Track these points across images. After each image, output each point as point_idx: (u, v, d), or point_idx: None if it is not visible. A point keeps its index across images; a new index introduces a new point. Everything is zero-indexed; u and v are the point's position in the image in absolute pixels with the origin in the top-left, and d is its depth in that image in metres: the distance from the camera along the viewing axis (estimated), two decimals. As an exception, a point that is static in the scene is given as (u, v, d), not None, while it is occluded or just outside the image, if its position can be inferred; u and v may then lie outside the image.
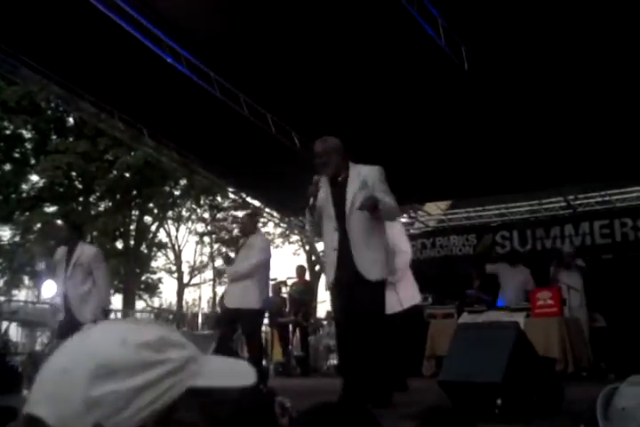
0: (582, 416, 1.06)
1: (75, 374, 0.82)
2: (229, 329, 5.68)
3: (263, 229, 21.82)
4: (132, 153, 15.54)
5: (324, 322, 11.27)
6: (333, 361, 9.79)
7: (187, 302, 25.24)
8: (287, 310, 9.61)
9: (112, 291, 18.92)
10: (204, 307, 22.96)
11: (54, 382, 0.82)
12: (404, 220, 11.61)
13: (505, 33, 5.79)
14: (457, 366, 3.25)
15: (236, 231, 18.97)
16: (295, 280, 9.78)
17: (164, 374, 0.85)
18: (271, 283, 9.78)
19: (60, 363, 0.84)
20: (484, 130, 7.32)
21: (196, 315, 12.81)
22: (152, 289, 22.84)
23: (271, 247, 6.46)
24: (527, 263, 9.03)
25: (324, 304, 15.36)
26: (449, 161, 8.09)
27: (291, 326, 9.55)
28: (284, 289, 9.90)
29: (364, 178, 4.16)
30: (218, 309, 6.68)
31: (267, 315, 10.08)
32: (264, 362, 10.03)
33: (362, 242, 4.08)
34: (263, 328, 10.64)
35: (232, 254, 6.36)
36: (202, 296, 25.15)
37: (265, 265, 5.87)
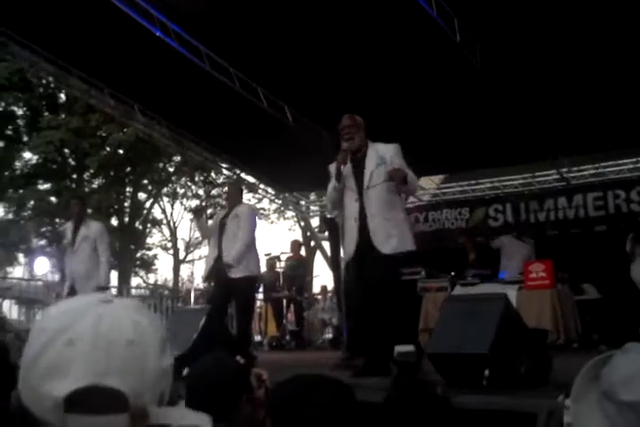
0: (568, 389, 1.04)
1: (145, 347, 0.85)
2: (224, 302, 5.72)
3: (258, 206, 21.89)
4: (125, 130, 15.42)
5: (319, 297, 11.35)
6: (328, 335, 9.88)
7: (182, 279, 25.35)
8: (281, 284, 9.66)
9: (112, 267, 19.07)
10: (199, 283, 23.05)
11: (124, 354, 0.83)
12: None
13: (499, 4, 5.73)
14: (445, 339, 3.27)
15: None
16: (289, 255, 9.81)
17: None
18: (265, 258, 9.85)
19: (118, 334, 0.84)
20: (478, 103, 7.28)
21: (189, 290, 12.87)
22: (148, 266, 22.90)
23: (258, 219, 6.49)
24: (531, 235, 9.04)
25: (318, 279, 15.42)
26: (443, 135, 8.05)
27: (285, 301, 9.61)
28: (278, 264, 9.94)
29: (382, 154, 4.34)
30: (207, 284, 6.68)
31: (261, 289, 10.17)
32: (259, 337, 10.17)
33: (378, 215, 4.24)
34: (258, 303, 10.74)
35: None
36: (196, 272, 25.19)
37: (254, 232, 5.95)
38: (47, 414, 0.81)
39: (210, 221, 6.49)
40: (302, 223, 20.91)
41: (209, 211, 16.89)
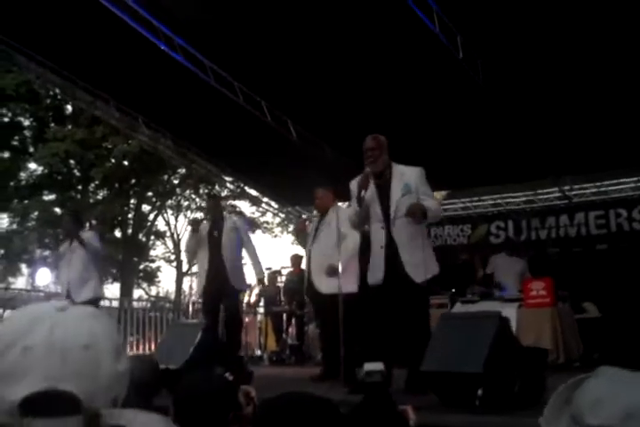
0: None
1: (100, 352, 0.87)
2: (216, 316, 5.73)
3: (262, 219, 21.91)
4: (130, 141, 15.49)
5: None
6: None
7: (184, 291, 25.30)
8: (282, 299, 9.63)
9: (114, 279, 19.09)
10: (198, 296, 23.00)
11: (78, 358, 0.85)
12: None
13: (501, 21, 5.76)
14: (438, 356, 3.26)
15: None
16: (290, 269, 9.79)
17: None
18: (266, 272, 9.84)
19: (74, 339, 0.86)
20: (482, 120, 7.31)
21: (189, 303, 12.87)
22: (150, 278, 22.87)
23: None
24: (524, 254, 9.07)
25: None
26: (446, 151, 8.07)
27: (285, 316, 9.57)
28: (279, 278, 9.93)
29: (406, 182, 4.35)
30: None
31: (262, 304, 10.15)
32: (258, 351, 10.13)
33: (407, 245, 4.27)
34: (258, 318, 10.71)
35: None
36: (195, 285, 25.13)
37: None
38: (5, 417, 0.83)
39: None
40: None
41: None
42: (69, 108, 17.36)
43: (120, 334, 10.00)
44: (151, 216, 21.33)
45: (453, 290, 8.22)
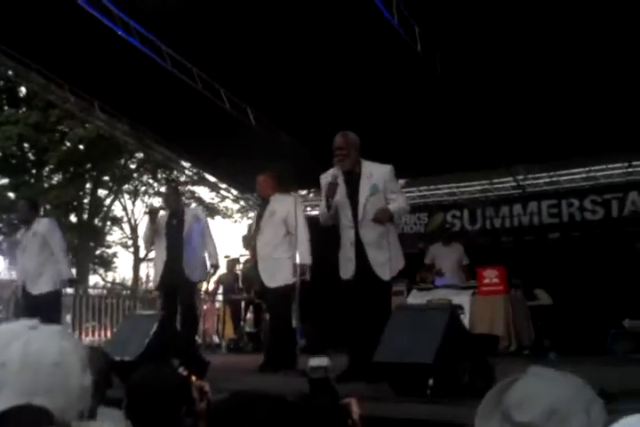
0: None
1: (69, 367, 0.93)
2: (174, 307, 5.71)
3: (221, 205, 21.79)
4: (86, 125, 15.20)
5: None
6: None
7: (141, 278, 25.07)
8: (240, 287, 9.64)
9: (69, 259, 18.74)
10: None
11: (50, 375, 0.91)
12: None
13: (459, 14, 5.82)
14: (391, 347, 3.33)
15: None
16: (248, 257, 9.79)
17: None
18: (225, 260, 9.83)
19: (44, 357, 0.92)
20: (440, 111, 7.38)
21: (149, 291, 12.76)
22: (107, 263, 22.61)
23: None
24: (477, 242, 9.24)
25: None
26: (405, 141, 8.13)
27: (243, 304, 9.59)
28: (237, 266, 9.92)
29: (374, 182, 4.41)
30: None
31: (220, 291, 10.13)
32: (216, 339, 10.13)
33: (374, 244, 4.37)
34: (217, 305, 10.70)
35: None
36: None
37: None
38: None
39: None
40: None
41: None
42: (23, 90, 16.92)
43: (77, 320, 9.91)
44: (107, 201, 21.04)
45: (409, 278, 8.33)
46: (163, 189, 22.04)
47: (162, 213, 6.11)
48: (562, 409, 0.98)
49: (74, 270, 19.17)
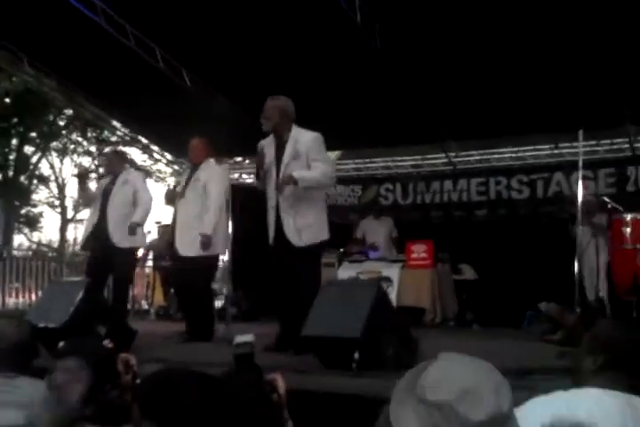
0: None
1: None
2: (105, 273, 5.60)
3: (154, 167, 21.31)
4: (13, 79, 14.52)
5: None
6: (217, 305, 9.87)
7: (67, 240, 24.44)
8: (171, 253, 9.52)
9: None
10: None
11: None
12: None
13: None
14: (320, 322, 3.38)
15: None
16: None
17: None
18: (156, 226, 9.68)
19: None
20: (376, 83, 7.38)
21: (77, 255, 12.47)
22: (33, 223, 21.91)
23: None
24: (408, 216, 9.42)
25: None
26: (341, 112, 8.12)
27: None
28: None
29: (298, 147, 4.46)
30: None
31: (150, 257, 9.99)
32: (145, 305, 10.03)
33: (290, 209, 4.42)
34: (146, 271, 10.56)
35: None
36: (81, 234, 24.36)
37: None
38: None
39: (93, 185, 6.26)
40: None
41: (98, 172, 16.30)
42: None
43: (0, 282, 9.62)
44: (34, 159, 20.28)
45: (341, 250, 8.44)
46: (92, 149, 21.45)
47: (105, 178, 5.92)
48: (474, 388, 1.04)
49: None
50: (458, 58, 6.79)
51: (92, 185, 6.98)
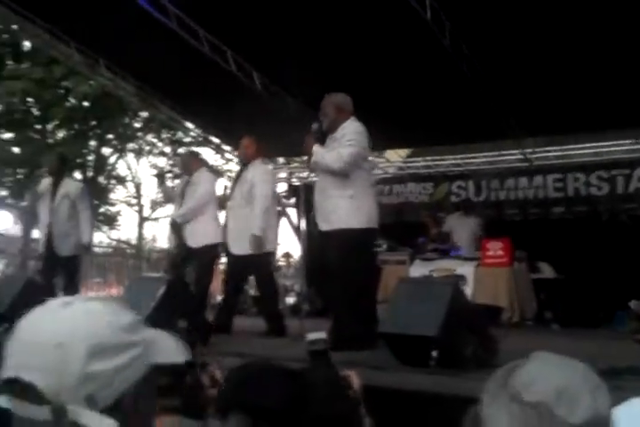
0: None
1: (71, 350, 0.92)
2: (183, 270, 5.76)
3: (225, 167, 21.72)
4: (91, 82, 15.04)
5: (282, 263, 11.42)
6: (289, 301, 9.97)
7: (145, 238, 25.21)
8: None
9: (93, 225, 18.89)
10: (163, 243, 22.98)
11: (48, 354, 0.92)
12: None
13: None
14: (396, 319, 3.37)
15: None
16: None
17: (138, 355, 0.99)
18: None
19: (51, 336, 0.93)
20: (448, 79, 7.27)
21: (155, 251, 12.84)
22: (111, 221, 22.64)
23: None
24: (481, 214, 9.24)
25: (282, 245, 15.52)
26: (412, 109, 8.06)
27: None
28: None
29: (339, 136, 4.53)
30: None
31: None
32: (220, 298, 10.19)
33: (324, 194, 4.56)
34: (221, 267, 10.74)
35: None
36: (160, 232, 25.10)
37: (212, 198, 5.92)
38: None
39: (172, 184, 6.46)
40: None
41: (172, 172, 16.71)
42: (27, 44, 16.68)
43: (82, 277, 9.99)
44: (112, 159, 20.96)
45: (413, 247, 8.37)
46: (167, 149, 22.01)
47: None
48: (571, 389, 1.02)
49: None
50: (533, 52, 6.61)
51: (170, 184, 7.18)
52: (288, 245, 13.69)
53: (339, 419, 1.90)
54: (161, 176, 6.12)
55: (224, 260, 10.22)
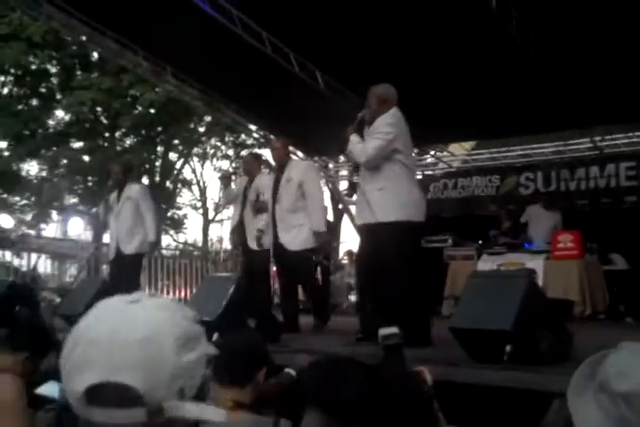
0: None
1: (161, 344, 0.90)
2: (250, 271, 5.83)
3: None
4: (157, 89, 15.43)
5: (345, 261, 11.45)
6: (352, 298, 9.99)
7: (211, 239, 25.65)
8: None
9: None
10: (228, 244, 23.36)
11: (135, 351, 0.88)
12: (429, 160, 11.52)
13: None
14: (468, 314, 3.33)
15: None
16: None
17: (205, 347, 0.97)
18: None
19: (133, 332, 0.90)
20: (511, 70, 7.13)
21: (219, 252, 13.06)
22: (178, 225, 23.19)
23: None
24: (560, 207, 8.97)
25: (344, 244, 15.57)
26: (475, 101, 7.93)
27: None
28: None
29: (374, 126, 4.44)
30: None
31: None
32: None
33: (365, 187, 4.47)
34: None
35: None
36: (225, 233, 25.47)
37: None
38: (76, 407, 0.90)
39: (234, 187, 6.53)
40: (330, 186, 20.89)
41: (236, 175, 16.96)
42: (95, 54, 17.24)
43: (151, 279, 10.27)
44: (178, 164, 21.45)
45: (480, 242, 8.25)
46: (230, 152, 22.37)
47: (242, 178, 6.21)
48: None
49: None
50: (599, 38, 6.41)
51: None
52: (351, 243, 13.65)
53: (413, 414, 1.91)
54: (226, 178, 6.20)
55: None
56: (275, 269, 6.38)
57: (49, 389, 1.83)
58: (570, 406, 1.06)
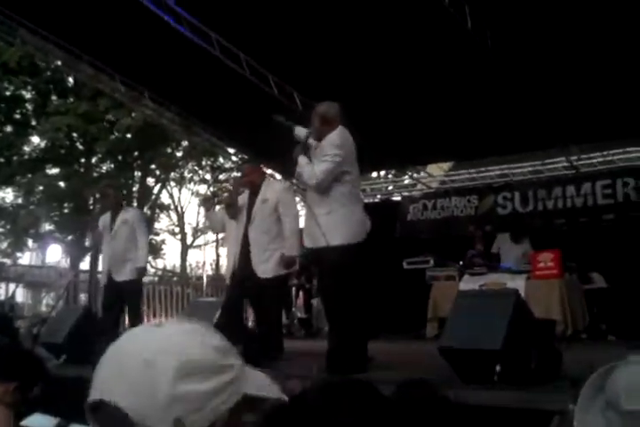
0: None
1: (160, 369, 0.86)
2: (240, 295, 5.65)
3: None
4: (133, 114, 15.39)
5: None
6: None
7: (190, 265, 25.46)
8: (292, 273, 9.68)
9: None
10: (208, 269, 23.14)
11: (135, 374, 0.86)
12: (406, 181, 11.59)
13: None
14: (457, 333, 3.31)
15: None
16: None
17: (231, 380, 0.91)
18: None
19: (138, 354, 0.87)
20: (487, 90, 7.24)
21: (200, 277, 12.93)
22: (156, 251, 22.98)
23: None
24: (529, 224, 9.03)
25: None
26: (451, 122, 8.03)
27: (294, 289, 9.64)
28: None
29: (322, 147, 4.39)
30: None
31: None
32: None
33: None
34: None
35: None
36: (205, 258, 25.34)
37: None
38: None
39: (217, 210, 6.26)
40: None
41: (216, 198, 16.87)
42: (71, 80, 17.18)
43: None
44: (155, 189, 21.33)
45: (461, 262, 8.25)
46: (207, 176, 22.30)
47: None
48: None
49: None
50: (573, 58, 6.54)
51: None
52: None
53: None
54: (207, 202, 6.11)
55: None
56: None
57: (36, 421, 1.77)
58: (577, 422, 1.04)
